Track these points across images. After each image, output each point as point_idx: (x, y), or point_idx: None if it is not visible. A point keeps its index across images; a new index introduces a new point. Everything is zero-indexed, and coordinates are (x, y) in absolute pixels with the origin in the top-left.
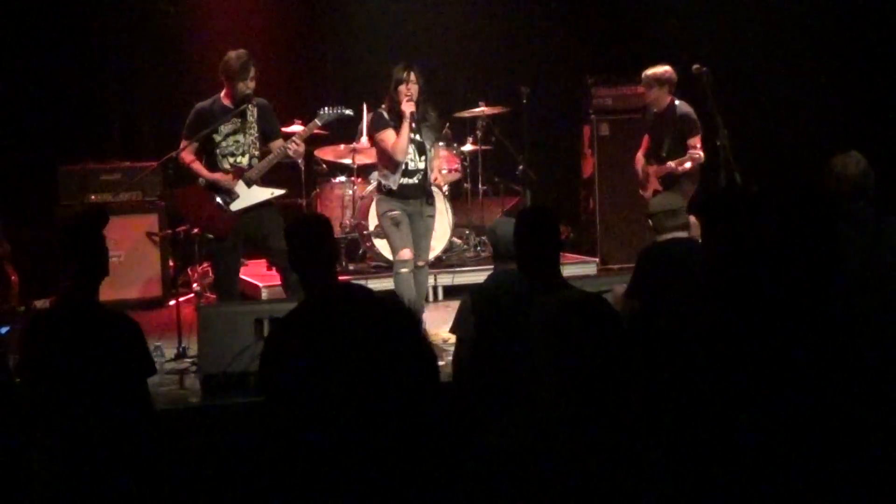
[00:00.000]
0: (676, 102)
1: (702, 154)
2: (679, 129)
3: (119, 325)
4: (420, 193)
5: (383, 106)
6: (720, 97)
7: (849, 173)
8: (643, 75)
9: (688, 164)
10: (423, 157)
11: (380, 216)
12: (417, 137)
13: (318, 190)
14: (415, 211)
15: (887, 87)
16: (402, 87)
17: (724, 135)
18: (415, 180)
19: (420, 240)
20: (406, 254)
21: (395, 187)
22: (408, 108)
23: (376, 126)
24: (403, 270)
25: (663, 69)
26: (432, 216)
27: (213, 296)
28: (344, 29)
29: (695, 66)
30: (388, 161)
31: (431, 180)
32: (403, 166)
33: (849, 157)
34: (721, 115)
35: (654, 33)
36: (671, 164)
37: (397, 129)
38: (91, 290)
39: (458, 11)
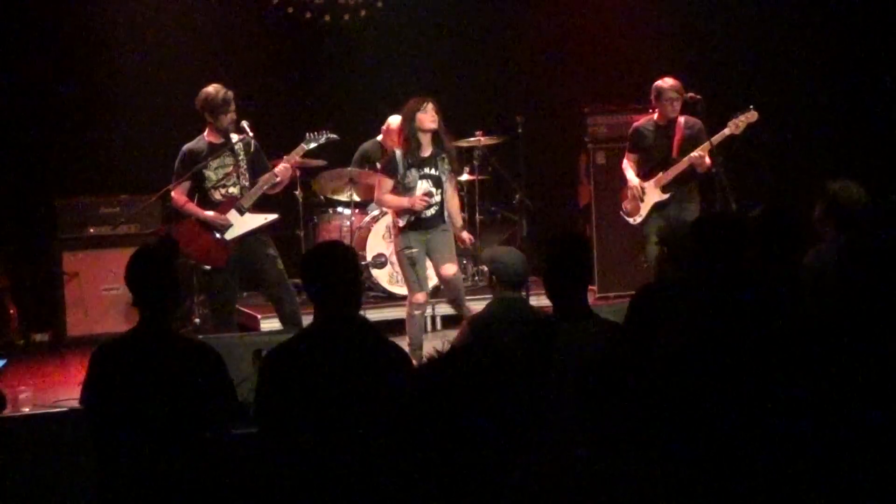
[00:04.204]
0: (682, 116)
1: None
2: (697, 137)
3: (197, 355)
4: (437, 222)
5: (399, 148)
6: (714, 125)
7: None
8: (675, 86)
9: (706, 158)
10: (439, 191)
11: (397, 252)
12: (433, 171)
13: (316, 221)
14: (433, 235)
15: (885, 111)
16: (420, 115)
17: (719, 162)
18: (430, 213)
19: (444, 251)
20: (420, 297)
21: (402, 224)
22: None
23: (386, 169)
24: (416, 313)
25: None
26: (447, 230)
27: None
28: (338, 61)
29: (689, 95)
30: None
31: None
32: None
33: (842, 183)
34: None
35: (649, 62)
36: (696, 154)
37: (400, 175)
38: (166, 319)
39: (452, 42)
